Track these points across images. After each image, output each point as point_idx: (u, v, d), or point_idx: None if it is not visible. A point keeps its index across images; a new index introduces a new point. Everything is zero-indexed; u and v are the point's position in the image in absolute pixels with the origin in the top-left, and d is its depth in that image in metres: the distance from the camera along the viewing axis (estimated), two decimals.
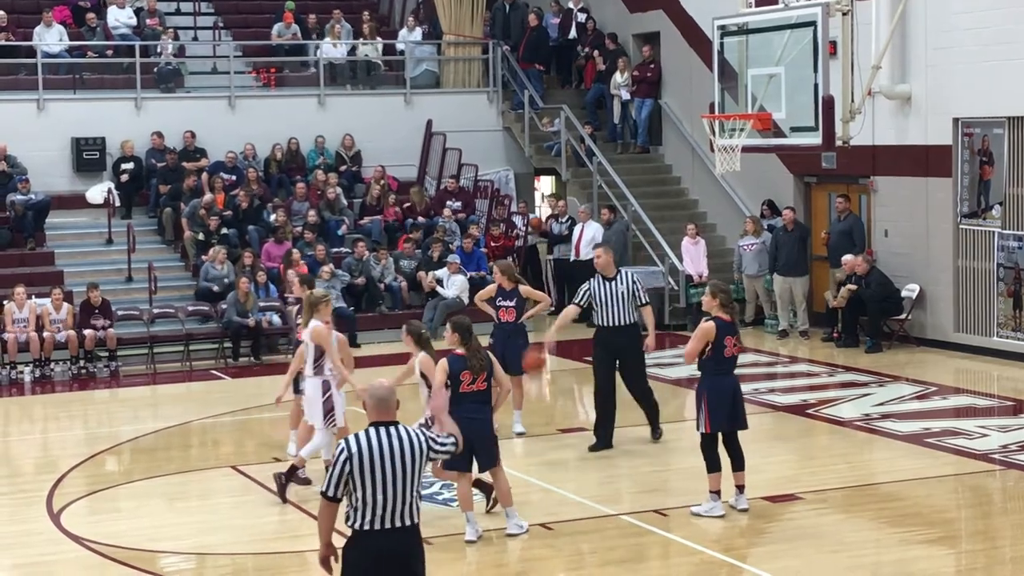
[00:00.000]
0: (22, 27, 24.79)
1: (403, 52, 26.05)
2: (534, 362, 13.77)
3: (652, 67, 25.11)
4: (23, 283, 19.62)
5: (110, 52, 24.86)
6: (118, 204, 22.93)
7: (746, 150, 17.62)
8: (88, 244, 22.53)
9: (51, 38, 24.20)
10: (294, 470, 12.46)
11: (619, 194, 23.42)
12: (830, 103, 16.72)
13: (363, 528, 7.29)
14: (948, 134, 19.34)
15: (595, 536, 11.26)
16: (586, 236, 22.41)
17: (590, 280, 13.98)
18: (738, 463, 11.66)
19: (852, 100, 17.67)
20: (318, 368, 12.54)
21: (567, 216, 23.78)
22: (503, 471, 11.28)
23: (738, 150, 17.54)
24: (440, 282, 21.94)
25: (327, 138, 24.73)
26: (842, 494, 12.36)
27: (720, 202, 23.83)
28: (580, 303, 13.95)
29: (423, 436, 7.46)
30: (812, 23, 16.71)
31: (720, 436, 11.62)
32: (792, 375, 18.71)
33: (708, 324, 11.48)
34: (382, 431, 7.36)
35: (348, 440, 7.35)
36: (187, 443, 15.62)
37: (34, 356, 19.11)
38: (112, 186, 22.95)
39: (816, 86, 16.69)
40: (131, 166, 23.17)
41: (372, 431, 7.36)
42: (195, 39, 26.77)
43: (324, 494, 7.37)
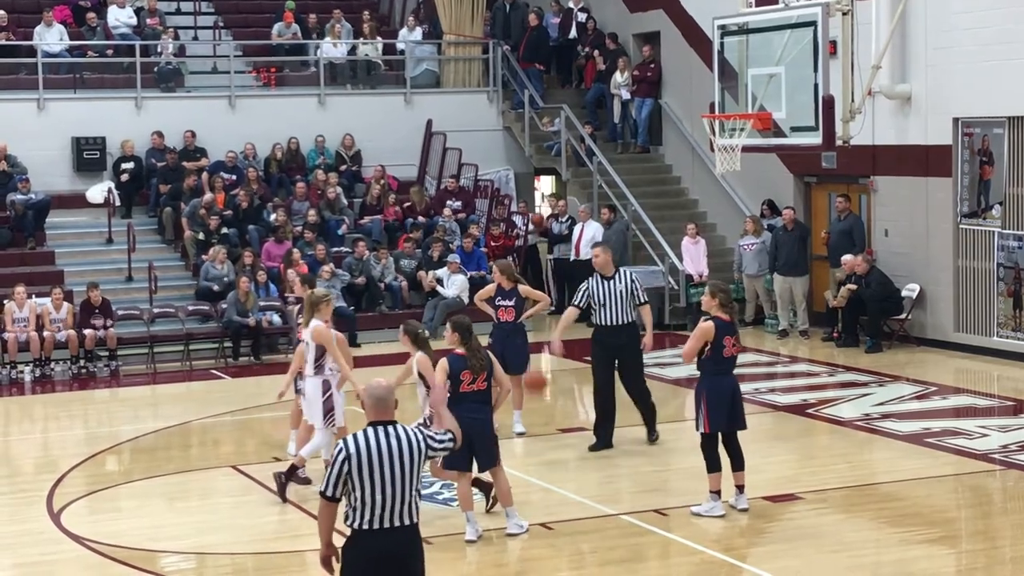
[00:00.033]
0: (22, 27, 24.78)
1: (403, 52, 26.04)
2: (536, 382, 13.78)
3: (652, 67, 25.10)
4: (23, 282, 19.62)
5: (110, 52, 24.86)
6: (118, 204, 22.93)
7: (746, 150, 17.61)
8: (88, 244, 22.52)
9: (51, 38, 24.20)
10: (294, 470, 12.47)
11: (619, 194, 23.41)
12: (830, 103, 16.71)
13: (362, 528, 7.29)
14: (948, 134, 19.34)
15: (595, 536, 11.26)
16: (586, 236, 22.40)
17: (588, 280, 13.95)
18: (738, 463, 11.66)
19: (852, 100, 17.66)
20: (319, 368, 12.54)
21: (567, 216, 23.78)
22: (503, 471, 11.29)
23: (738, 150, 17.52)
24: (440, 282, 21.94)
25: (327, 138, 24.74)
26: (842, 494, 12.36)
27: (720, 202, 23.82)
28: (579, 305, 13.93)
29: (421, 435, 7.46)
30: (812, 23, 16.69)
31: (720, 436, 11.63)
32: (792, 375, 18.70)
33: (707, 324, 11.48)
34: (380, 431, 7.36)
35: (346, 440, 7.35)
36: (187, 443, 15.62)
37: (34, 356, 19.12)
38: (112, 186, 22.94)
39: (816, 86, 16.68)
40: (131, 166, 23.18)
41: (370, 431, 7.36)
42: (195, 39, 26.76)
43: (323, 494, 7.37)
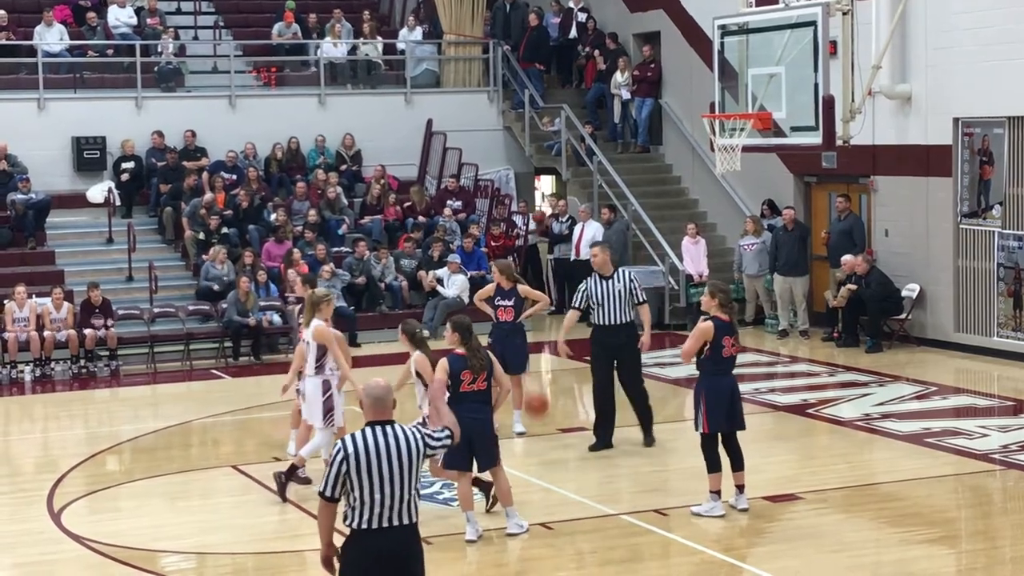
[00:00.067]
0: (23, 26, 24.78)
1: (403, 51, 26.05)
2: (538, 406, 13.76)
3: (652, 67, 25.10)
4: (24, 282, 19.62)
5: (111, 51, 24.86)
6: (118, 203, 22.92)
7: (746, 150, 17.61)
8: (88, 243, 22.52)
9: (52, 37, 24.20)
10: (294, 469, 12.47)
11: (619, 193, 23.41)
12: (830, 103, 16.71)
13: (361, 527, 7.30)
14: (948, 134, 19.34)
15: (595, 536, 11.26)
16: (586, 235, 22.37)
17: (586, 279, 13.96)
18: (737, 463, 11.66)
19: (852, 100, 17.66)
20: (319, 368, 12.55)
21: (567, 215, 23.78)
22: (503, 471, 11.29)
23: (738, 150, 17.53)
24: (440, 281, 21.94)
25: (327, 137, 24.74)
26: (842, 494, 12.36)
27: (720, 202, 23.82)
28: (578, 306, 13.94)
29: (419, 434, 7.47)
30: (812, 23, 16.70)
31: (719, 436, 11.63)
32: (792, 375, 18.71)
33: (706, 324, 11.48)
34: (378, 430, 7.36)
35: (344, 440, 7.36)
36: (187, 442, 15.63)
37: (34, 355, 19.12)
38: (112, 185, 22.94)
39: (816, 86, 16.68)
40: (131, 165, 23.18)
41: (368, 431, 7.37)
42: (195, 38, 26.76)
43: (322, 494, 7.38)
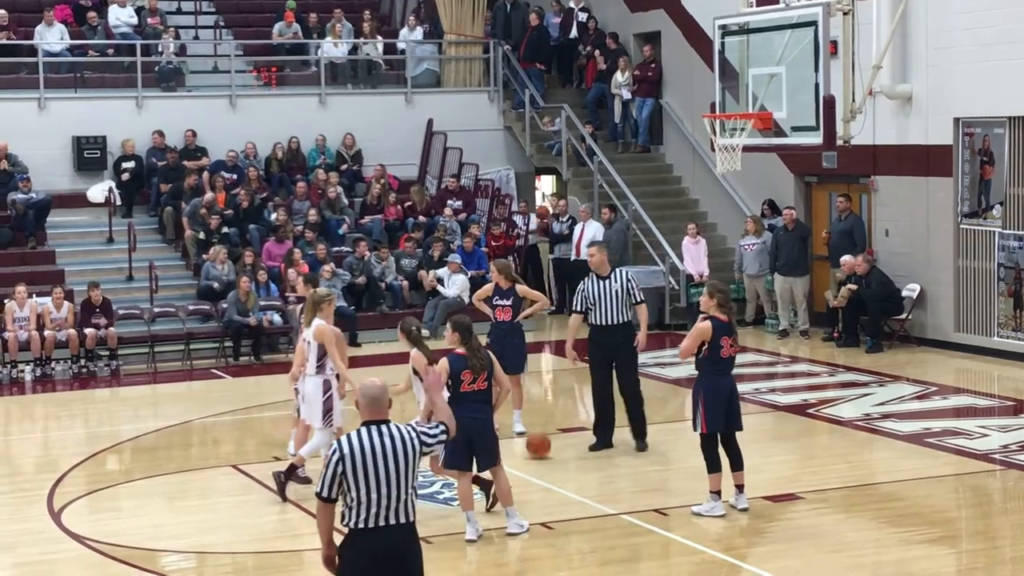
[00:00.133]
0: (23, 26, 24.79)
1: (404, 51, 26.05)
2: (540, 445, 13.76)
3: (653, 66, 25.10)
4: (24, 282, 19.62)
5: (111, 51, 24.87)
6: (119, 203, 22.93)
7: (747, 149, 17.62)
8: (89, 243, 22.52)
9: (52, 37, 24.20)
10: (294, 469, 12.47)
11: (620, 193, 23.41)
12: (831, 103, 16.71)
13: (358, 527, 7.30)
14: (949, 134, 19.34)
15: (595, 536, 11.26)
16: (587, 235, 22.36)
17: (584, 280, 13.97)
18: (737, 463, 11.66)
19: (853, 100, 17.66)
20: (320, 367, 12.54)
21: (568, 215, 23.78)
22: (503, 470, 11.29)
23: (739, 149, 17.53)
24: (441, 281, 21.95)
25: (328, 137, 24.75)
26: (842, 494, 12.36)
27: (721, 202, 23.82)
28: (579, 310, 13.95)
29: (415, 433, 7.46)
30: (813, 23, 16.70)
31: (718, 436, 11.62)
32: (792, 375, 18.70)
33: (704, 323, 11.46)
34: (374, 430, 7.36)
35: (340, 440, 7.36)
36: (188, 442, 15.62)
37: (35, 355, 19.12)
38: (113, 185, 22.94)
39: (817, 86, 16.68)
40: (132, 165, 23.18)
41: (364, 430, 7.37)
42: (196, 38, 26.77)
43: (319, 495, 7.38)
